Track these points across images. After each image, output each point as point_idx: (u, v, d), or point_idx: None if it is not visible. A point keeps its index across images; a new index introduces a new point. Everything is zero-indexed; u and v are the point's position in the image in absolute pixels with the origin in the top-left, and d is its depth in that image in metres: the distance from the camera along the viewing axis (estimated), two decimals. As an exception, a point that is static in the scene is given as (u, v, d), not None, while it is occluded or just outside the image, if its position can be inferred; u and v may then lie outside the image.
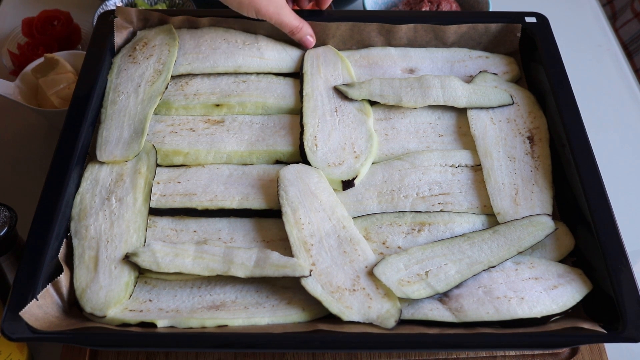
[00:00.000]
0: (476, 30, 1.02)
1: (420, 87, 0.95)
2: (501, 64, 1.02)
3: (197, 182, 0.87)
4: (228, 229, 0.84)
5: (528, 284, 0.76)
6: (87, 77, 0.93)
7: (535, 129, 0.92)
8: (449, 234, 0.82)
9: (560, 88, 0.92)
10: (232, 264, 0.76)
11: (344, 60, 1.00)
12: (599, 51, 1.25)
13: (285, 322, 0.74)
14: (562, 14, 1.29)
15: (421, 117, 0.95)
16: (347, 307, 0.74)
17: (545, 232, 0.80)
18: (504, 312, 0.73)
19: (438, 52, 1.03)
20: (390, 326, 0.72)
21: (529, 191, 0.85)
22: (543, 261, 0.79)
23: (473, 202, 0.86)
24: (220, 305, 0.76)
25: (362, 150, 0.89)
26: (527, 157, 0.89)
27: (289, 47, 1.02)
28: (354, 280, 0.76)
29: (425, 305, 0.75)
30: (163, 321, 0.73)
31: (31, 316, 0.71)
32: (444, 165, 0.89)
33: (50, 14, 1.21)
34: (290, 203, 0.82)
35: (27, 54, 1.16)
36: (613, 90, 1.18)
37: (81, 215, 0.81)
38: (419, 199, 0.86)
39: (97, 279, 0.76)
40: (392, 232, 0.82)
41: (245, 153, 0.90)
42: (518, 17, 1.02)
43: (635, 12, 1.59)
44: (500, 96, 0.94)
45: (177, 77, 0.99)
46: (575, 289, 0.76)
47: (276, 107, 0.96)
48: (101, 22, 1.00)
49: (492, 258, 0.78)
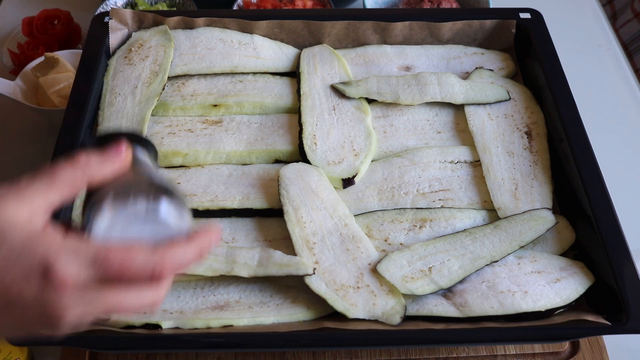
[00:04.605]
0: (471, 27, 1.03)
1: (417, 84, 0.95)
2: (497, 60, 1.02)
3: (197, 183, 0.86)
4: (229, 229, 0.83)
5: (531, 278, 0.76)
6: (83, 79, 0.93)
7: (533, 124, 0.92)
8: (450, 230, 0.82)
9: (556, 83, 0.92)
10: (235, 263, 0.76)
11: (340, 59, 1.00)
12: (599, 51, 1.25)
13: (291, 320, 0.74)
14: (562, 14, 1.30)
15: (419, 114, 0.95)
16: (352, 305, 0.74)
17: (546, 226, 0.80)
18: (509, 306, 0.73)
19: (434, 49, 1.03)
20: (396, 322, 0.72)
21: (528, 186, 0.86)
22: (545, 255, 0.79)
23: (473, 198, 0.86)
24: (225, 306, 0.76)
25: (361, 148, 0.89)
26: (525, 152, 0.89)
27: (284, 46, 1.02)
28: (357, 278, 0.76)
29: (430, 301, 0.75)
30: (168, 322, 0.73)
31: (34, 320, 0.70)
32: (443, 161, 0.89)
33: (51, 13, 1.21)
34: (292, 202, 0.82)
35: (28, 53, 1.16)
36: (613, 90, 1.19)
37: (81, 218, 0.81)
38: (419, 196, 0.86)
39: (99, 281, 0.76)
40: (393, 229, 0.82)
41: (244, 153, 0.90)
42: (512, 13, 1.02)
43: (635, 12, 1.60)
44: (497, 92, 0.95)
45: (173, 78, 0.98)
46: (578, 282, 0.76)
47: (274, 107, 0.96)
48: (96, 24, 1.00)
49: (495, 253, 0.78)
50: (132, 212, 0.51)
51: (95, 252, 0.48)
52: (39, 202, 0.50)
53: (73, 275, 0.47)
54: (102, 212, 0.51)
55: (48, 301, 0.47)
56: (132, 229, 0.51)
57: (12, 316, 0.48)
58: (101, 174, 0.54)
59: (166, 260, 0.49)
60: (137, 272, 0.48)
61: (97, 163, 0.54)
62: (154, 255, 0.49)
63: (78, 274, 0.47)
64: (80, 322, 0.49)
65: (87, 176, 0.53)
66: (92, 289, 0.48)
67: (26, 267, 0.47)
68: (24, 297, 0.47)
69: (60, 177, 0.52)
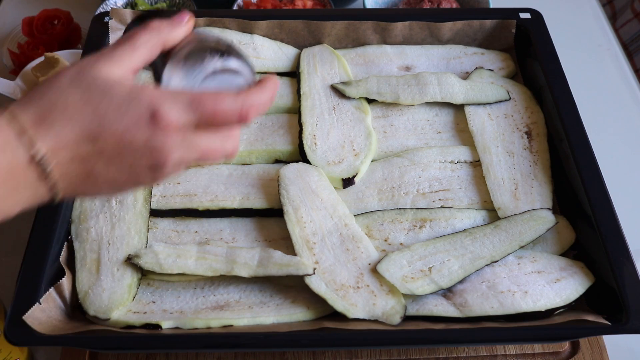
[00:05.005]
0: (471, 27, 1.02)
1: (417, 84, 0.95)
2: (497, 60, 1.02)
3: (197, 183, 0.86)
4: (229, 229, 0.83)
5: (531, 278, 0.76)
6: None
7: (533, 124, 0.92)
8: (450, 230, 0.82)
9: (556, 83, 0.92)
10: (235, 263, 0.76)
11: (340, 59, 1.00)
12: (599, 51, 1.25)
13: (291, 320, 0.74)
14: (562, 14, 1.29)
15: (419, 114, 0.95)
16: (352, 305, 0.74)
17: (546, 226, 0.80)
18: (509, 306, 0.73)
19: (433, 49, 1.03)
20: (396, 322, 0.72)
21: (528, 186, 0.86)
22: (545, 255, 0.79)
23: (473, 198, 0.86)
24: (225, 306, 0.76)
25: (361, 148, 0.89)
26: (525, 152, 0.89)
27: (285, 46, 1.02)
28: (357, 278, 0.76)
29: (430, 301, 0.75)
30: (168, 322, 0.73)
31: (34, 320, 0.70)
32: (443, 161, 0.89)
33: (51, 13, 1.20)
34: (292, 202, 0.82)
35: (28, 53, 1.16)
36: (613, 90, 1.18)
37: (82, 218, 0.81)
38: (419, 196, 0.86)
39: (99, 281, 0.76)
40: (393, 229, 0.82)
41: (244, 153, 0.90)
42: (512, 13, 1.02)
43: (635, 12, 1.60)
44: (497, 92, 0.95)
45: (173, 78, 0.98)
46: (578, 282, 0.76)
47: (274, 107, 0.96)
48: (96, 24, 1.00)
49: (495, 253, 0.78)
50: (207, 66, 0.58)
51: (191, 98, 0.53)
52: (126, 65, 0.55)
53: (176, 118, 0.52)
54: (180, 69, 0.58)
55: (156, 145, 0.52)
56: (209, 82, 0.58)
57: (125, 163, 0.53)
58: (173, 37, 0.59)
59: (250, 103, 0.55)
60: (227, 114, 0.54)
61: (168, 28, 0.59)
62: (239, 99, 0.54)
63: (180, 117, 0.52)
64: (177, 167, 0.54)
65: (162, 40, 0.58)
66: (190, 133, 0.53)
67: (136, 115, 0.51)
68: (136, 142, 0.52)
69: (140, 42, 0.56)
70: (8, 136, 0.49)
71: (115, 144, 0.51)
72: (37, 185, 0.51)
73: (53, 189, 0.52)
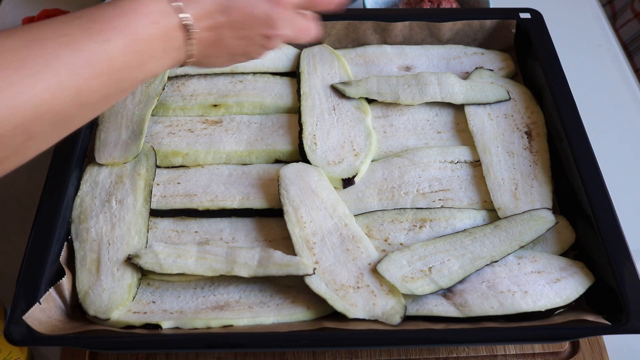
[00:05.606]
0: (471, 27, 1.02)
1: (417, 84, 0.95)
2: (497, 60, 1.02)
3: (197, 183, 0.87)
4: (229, 229, 0.84)
5: (531, 278, 0.76)
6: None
7: (533, 124, 0.92)
8: (450, 230, 0.82)
9: (556, 83, 0.92)
10: (235, 263, 0.76)
11: (340, 59, 1.00)
12: (599, 51, 1.25)
13: (291, 320, 0.74)
14: (562, 14, 1.29)
15: (419, 114, 0.95)
16: (352, 305, 0.74)
17: (546, 226, 0.80)
18: (509, 306, 0.73)
19: (433, 49, 1.03)
20: (396, 322, 0.72)
21: (528, 186, 0.86)
22: (545, 255, 0.79)
23: (473, 198, 0.86)
24: (225, 306, 0.76)
25: (361, 148, 0.89)
26: (525, 152, 0.89)
27: (284, 46, 1.02)
28: (357, 278, 0.76)
29: (430, 301, 0.75)
30: (168, 322, 0.73)
31: (34, 320, 0.70)
32: (443, 161, 0.89)
33: (51, 13, 1.20)
34: (292, 202, 0.82)
35: (27, 53, 1.16)
36: (613, 90, 1.18)
37: (81, 218, 0.81)
38: (419, 196, 0.86)
39: (99, 281, 0.76)
40: (393, 229, 0.82)
41: (244, 153, 0.90)
42: (512, 13, 1.02)
43: (635, 12, 1.60)
44: (497, 92, 0.95)
45: (173, 78, 0.98)
46: (578, 282, 0.76)
47: (274, 107, 0.96)
48: (96, 24, 0.99)
49: (495, 253, 0.78)
50: None
51: None
52: None
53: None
54: None
55: (273, 16, 0.67)
56: None
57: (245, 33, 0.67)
58: None
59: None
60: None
61: None
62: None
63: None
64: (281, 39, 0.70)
65: None
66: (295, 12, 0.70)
67: None
68: (257, 13, 0.66)
69: None
70: (165, 5, 0.60)
71: (242, 15, 0.65)
72: (181, 47, 0.63)
73: (191, 52, 0.64)
